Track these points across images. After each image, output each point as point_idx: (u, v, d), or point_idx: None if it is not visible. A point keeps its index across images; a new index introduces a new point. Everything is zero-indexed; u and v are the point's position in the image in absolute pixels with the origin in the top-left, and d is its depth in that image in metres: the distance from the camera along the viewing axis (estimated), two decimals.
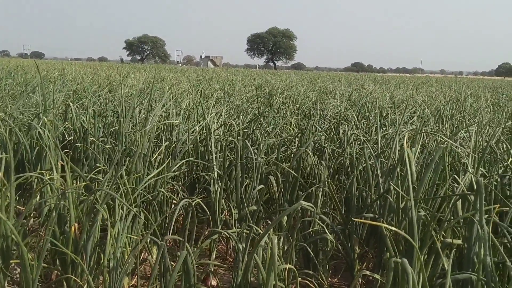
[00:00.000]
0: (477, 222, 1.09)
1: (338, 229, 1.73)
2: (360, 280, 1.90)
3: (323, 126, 3.24)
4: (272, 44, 78.02)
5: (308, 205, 1.23)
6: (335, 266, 2.15)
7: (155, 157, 2.01)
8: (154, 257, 1.96)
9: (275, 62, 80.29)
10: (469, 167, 1.56)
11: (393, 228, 1.01)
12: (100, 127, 2.73)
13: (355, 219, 1.13)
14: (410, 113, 4.20)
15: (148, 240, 1.86)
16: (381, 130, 2.98)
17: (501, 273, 1.13)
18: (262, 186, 1.89)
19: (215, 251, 1.95)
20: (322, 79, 13.31)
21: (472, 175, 1.28)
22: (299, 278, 1.69)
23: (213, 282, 1.84)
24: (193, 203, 1.61)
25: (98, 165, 2.26)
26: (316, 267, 1.80)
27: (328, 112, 3.99)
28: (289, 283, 1.57)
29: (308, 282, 1.62)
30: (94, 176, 2.06)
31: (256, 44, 79.66)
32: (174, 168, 1.97)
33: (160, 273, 1.36)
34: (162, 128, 2.71)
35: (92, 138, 2.35)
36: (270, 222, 2.29)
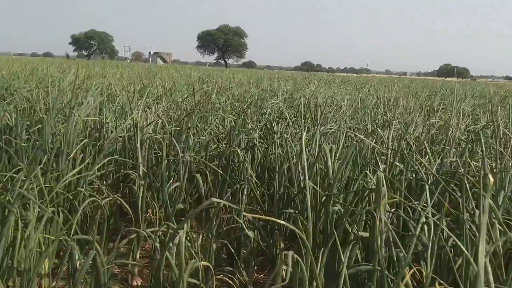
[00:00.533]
0: (376, 215, 1.14)
1: (260, 225, 1.76)
2: (284, 274, 1.93)
3: (260, 124, 3.26)
4: (223, 42, 77.75)
5: (219, 201, 1.24)
6: (263, 263, 2.18)
7: (73, 153, 1.95)
8: (76, 257, 1.91)
9: (226, 59, 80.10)
10: (379, 163, 1.63)
11: (282, 222, 1.04)
12: (28, 124, 2.62)
13: (246, 214, 1.15)
14: (344, 111, 4.31)
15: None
16: (313, 128, 3.04)
17: (394, 263, 1.19)
18: (178, 184, 1.88)
19: (139, 251, 1.92)
20: (269, 77, 13.42)
21: (379, 171, 1.34)
22: (220, 275, 1.70)
23: (135, 282, 1.81)
24: (103, 202, 1.57)
25: (19, 163, 2.17)
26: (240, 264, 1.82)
27: (267, 110, 4.02)
28: (209, 280, 1.57)
29: (227, 279, 1.63)
30: (14, 175, 1.98)
31: (207, 41, 79.09)
32: (97, 167, 1.92)
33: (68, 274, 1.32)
34: (92, 126, 2.63)
35: (8, 137, 2.25)
36: (197, 221, 2.29)
